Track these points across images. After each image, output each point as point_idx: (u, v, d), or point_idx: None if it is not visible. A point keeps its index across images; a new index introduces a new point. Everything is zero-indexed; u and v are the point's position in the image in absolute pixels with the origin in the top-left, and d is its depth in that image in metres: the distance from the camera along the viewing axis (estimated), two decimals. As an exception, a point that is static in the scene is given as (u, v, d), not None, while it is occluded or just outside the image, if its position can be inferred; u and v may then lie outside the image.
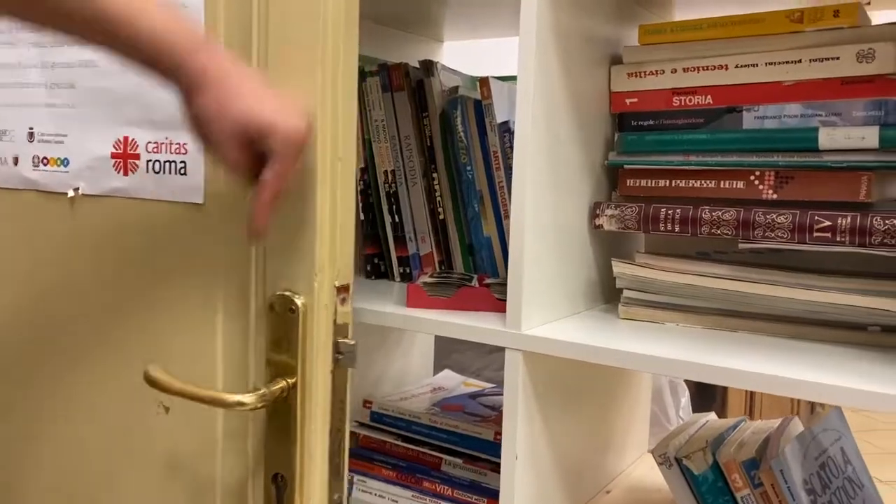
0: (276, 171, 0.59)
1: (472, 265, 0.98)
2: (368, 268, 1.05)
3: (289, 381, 0.65)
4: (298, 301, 0.65)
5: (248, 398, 0.64)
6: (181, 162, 0.72)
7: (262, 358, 0.67)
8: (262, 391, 0.64)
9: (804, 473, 0.76)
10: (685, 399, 1.52)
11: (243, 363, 0.69)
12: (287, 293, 0.65)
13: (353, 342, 0.67)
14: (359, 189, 1.03)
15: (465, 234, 0.98)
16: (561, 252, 0.80)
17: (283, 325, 0.65)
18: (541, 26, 0.71)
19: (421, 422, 1.02)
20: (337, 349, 0.67)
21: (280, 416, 0.66)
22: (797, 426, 0.86)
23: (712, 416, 0.96)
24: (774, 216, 0.73)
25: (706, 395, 1.98)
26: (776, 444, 0.78)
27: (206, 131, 0.59)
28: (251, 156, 0.59)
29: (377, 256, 1.05)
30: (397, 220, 1.02)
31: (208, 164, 0.70)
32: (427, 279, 0.87)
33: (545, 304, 0.78)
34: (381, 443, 1.04)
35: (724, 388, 2.10)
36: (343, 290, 0.67)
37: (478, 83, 0.96)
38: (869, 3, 0.80)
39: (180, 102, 0.60)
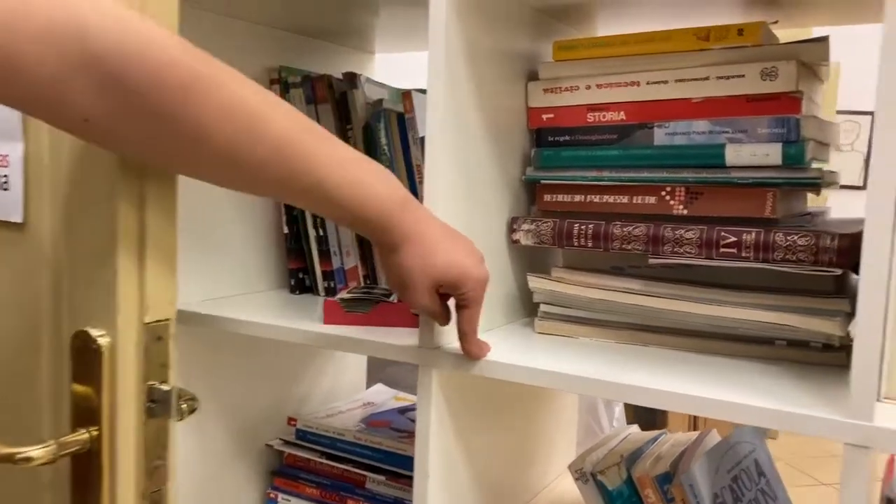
0: (471, 313, 0.67)
1: (396, 280, 0.97)
2: (293, 282, 1.03)
3: (92, 431, 0.58)
4: (101, 339, 0.57)
5: (37, 452, 0.55)
6: (3, 176, 0.65)
7: (67, 403, 0.59)
8: (51, 445, 0.55)
9: (715, 487, 0.76)
10: (619, 410, 1.53)
11: (58, 408, 0.62)
12: (89, 330, 0.58)
13: (168, 388, 0.60)
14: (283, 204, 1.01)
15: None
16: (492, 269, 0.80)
17: (85, 366, 0.58)
18: (450, 40, 0.71)
19: (345, 439, 1.00)
20: (150, 396, 0.59)
21: (83, 472, 0.58)
22: (714, 438, 0.87)
23: (634, 428, 0.97)
24: (682, 232, 0.74)
25: (649, 407, 1.99)
26: (690, 457, 0.79)
27: (405, 282, 0.64)
28: (442, 299, 0.67)
29: (302, 271, 1.03)
30: (322, 233, 1.00)
31: (31, 180, 0.63)
32: (344, 295, 0.86)
33: (459, 321, 0.77)
34: (306, 461, 1.03)
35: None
36: (159, 327, 0.60)
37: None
38: (776, 23, 0.82)
39: (378, 254, 0.68)
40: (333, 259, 1.00)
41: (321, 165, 0.56)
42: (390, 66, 1.30)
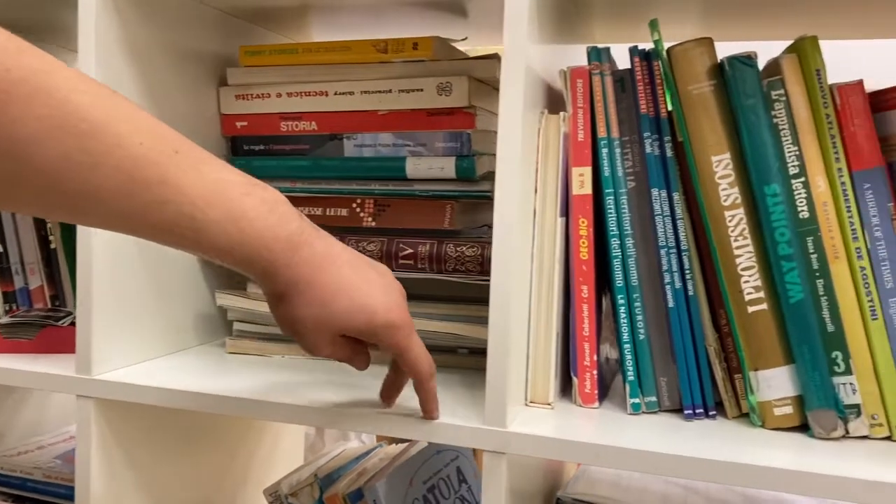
0: (404, 362, 0.55)
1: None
2: (-29, 305, 0.91)
3: None
4: None
5: None
6: None
7: None
8: None
9: (407, 499, 0.76)
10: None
11: None
12: None
13: None
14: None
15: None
16: (159, 285, 0.74)
17: None
18: (106, 42, 0.65)
19: (34, 478, 0.90)
20: None
21: None
22: (420, 448, 0.87)
23: (352, 443, 0.95)
24: (365, 244, 0.73)
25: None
26: (386, 471, 0.78)
27: (298, 334, 0.52)
28: (350, 346, 0.55)
29: (-19, 292, 0.91)
30: (1, 249, 0.89)
31: None
32: (5, 320, 0.77)
33: (133, 343, 0.71)
34: (-12, 506, 0.91)
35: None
36: None
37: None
38: (466, 39, 0.84)
39: (267, 299, 0.52)
40: (16, 278, 0.89)
41: (188, 195, 0.44)
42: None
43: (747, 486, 0.52)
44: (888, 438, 0.57)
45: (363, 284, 0.52)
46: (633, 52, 0.61)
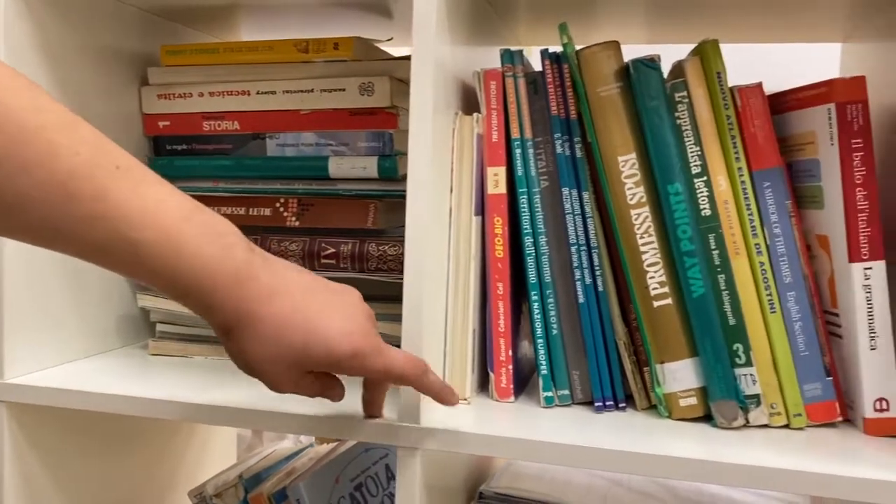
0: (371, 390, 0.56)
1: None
2: None
3: None
4: None
5: None
6: None
7: None
8: None
9: (332, 497, 0.77)
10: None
11: None
12: None
13: None
14: None
15: None
16: (79, 286, 0.73)
17: None
18: (18, 42, 0.64)
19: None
20: None
21: None
22: (349, 446, 0.88)
23: (285, 443, 0.95)
24: (288, 244, 0.73)
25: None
26: (312, 470, 0.78)
27: (255, 373, 0.48)
28: (320, 381, 0.52)
29: None
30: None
31: None
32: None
33: (51, 345, 0.70)
34: None
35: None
36: None
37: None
38: (391, 39, 0.85)
39: (216, 333, 0.48)
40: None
41: (124, 213, 0.41)
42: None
43: (651, 475, 0.53)
44: (786, 427, 0.60)
45: (319, 312, 0.48)
46: (545, 54, 0.63)
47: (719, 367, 0.59)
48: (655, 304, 0.60)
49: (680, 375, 0.60)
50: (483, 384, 0.67)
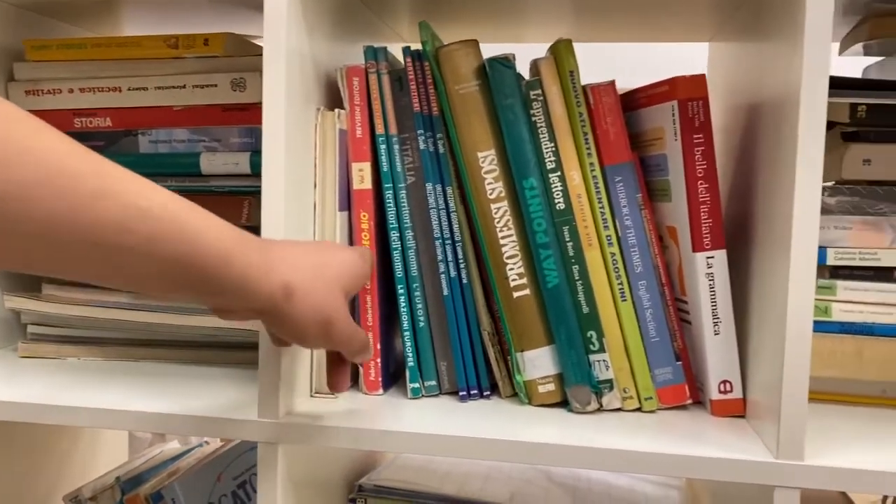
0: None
1: None
2: None
3: None
4: None
5: None
6: None
7: None
8: None
9: (213, 496, 0.76)
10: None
11: None
12: None
13: None
14: None
15: None
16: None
17: None
18: None
19: None
20: None
21: None
22: (233, 445, 0.87)
23: (172, 444, 0.94)
24: (159, 242, 0.72)
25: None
26: (193, 470, 0.78)
27: (325, 320, 0.50)
28: None
29: None
30: None
31: None
32: None
33: None
34: None
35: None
36: None
37: None
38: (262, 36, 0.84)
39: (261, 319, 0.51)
40: None
41: (211, 255, 0.44)
42: None
43: (505, 461, 0.55)
44: (638, 410, 0.62)
45: (313, 296, 0.49)
46: (406, 52, 0.64)
47: (574, 353, 0.61)
48: (515, 294, 0.62)
49: (538, 363, 0.62)
50: (356, 378, 0.68)
